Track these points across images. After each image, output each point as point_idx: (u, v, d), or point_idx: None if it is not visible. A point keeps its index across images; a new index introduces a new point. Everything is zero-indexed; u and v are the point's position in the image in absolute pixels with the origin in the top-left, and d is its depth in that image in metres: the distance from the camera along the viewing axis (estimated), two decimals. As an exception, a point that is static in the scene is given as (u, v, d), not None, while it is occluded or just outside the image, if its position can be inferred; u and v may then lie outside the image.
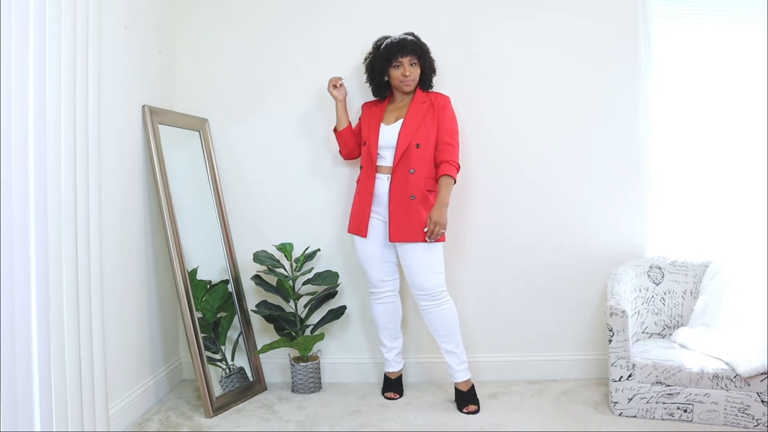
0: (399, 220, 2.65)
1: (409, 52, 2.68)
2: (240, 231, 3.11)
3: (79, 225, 2.08)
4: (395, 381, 2.92)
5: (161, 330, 2.97)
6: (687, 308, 2.93)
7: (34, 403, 1.88)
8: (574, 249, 3.07)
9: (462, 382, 2.74)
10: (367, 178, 2.75)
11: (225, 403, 2.76)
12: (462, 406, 2.71)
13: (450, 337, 2.73)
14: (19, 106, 1.81)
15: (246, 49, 3.10)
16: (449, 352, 2.73)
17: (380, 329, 2.90)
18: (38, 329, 1.88)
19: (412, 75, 2.69)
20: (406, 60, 2.68)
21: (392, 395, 2.88)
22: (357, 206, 2.80)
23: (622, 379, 2.58)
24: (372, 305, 2.89)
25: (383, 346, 2.92)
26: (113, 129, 2.49)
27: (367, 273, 2.85)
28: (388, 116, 2.78)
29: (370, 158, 2.74)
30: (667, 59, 3.06)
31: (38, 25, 1.88)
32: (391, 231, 2.66)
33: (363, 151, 2.80)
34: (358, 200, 2.79)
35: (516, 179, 3.07)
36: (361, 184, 2.78)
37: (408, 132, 2.67)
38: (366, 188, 2.75)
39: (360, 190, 2.79)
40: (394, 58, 2.68)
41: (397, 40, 2.71)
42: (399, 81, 2.71)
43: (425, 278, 2.67)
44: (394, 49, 2.69)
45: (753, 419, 2.45)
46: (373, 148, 2.73)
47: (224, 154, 3.12)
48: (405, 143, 2.65)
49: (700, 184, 3.09)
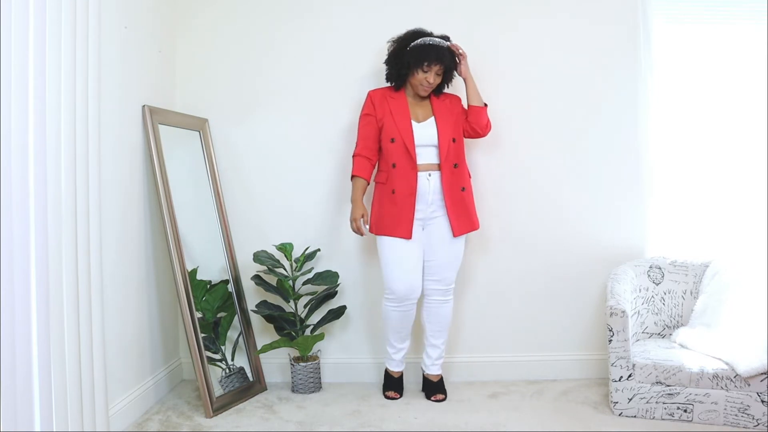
0: (457, 214, 2.72)
1: (442, 62, 2.64)
2: (240, 231, 3.11)
3: (79, 225, 2.08)
4: (397, 380, 2.92)
5: (161, 330, 2.97)
6: (687, 308, 2.93)
7: (34, 403, 1.88)
8: (574, 249, 3.07)
9: (435, 374, 2.88)
10: (405, 176, 2.66)
11: (225, 403, 2.76)
12: (431, 395, 2.84)
13: (441, 332, 2.84)
14: (19, 106, 1.81)
15: (246, 49, 3.10)
16: (434, 346, 2.84)
17: (392, 332, 2.83)
18: (38, 329, 1.88)
19: (434, 84, 2.69)
20: (436, 68, 2.65)
21: (393, 394, 2.87)
22: (394, 206, 2.66)
23: (622, 379, 2.58)
24: (388, 312, 2.77)
25: (391, 347, 2.87)
26: (113, 129, 2.49)
27: (391, 279, 2.69)
28: (415, 113, 2.73)
29: (408, 156, 2.66)
30: (667, 59, 3.06)
31: (38, 25, 1.88)
32: (454, 226, 2.71)
33: (393, 148, 2.68)
34: (397, 200, 2.65)
35: (516, 179, 3.07)
36: (399, 182, 2.66)
37: (445, 129, 2.72)
38: (407, 187, 2.65)
39: (398, 190, 2.66)
40: (427, 63, 2.62)
41: (437, 46, 2.63)
42: (419, 84, 2.67)
43: (452, 272, 2.81)
44: (433, 54, 2.61)
45: (753, 419, 2.45)
46: (410, 146, 2.66)
47: (224, 154, 3.12)
48: (447, 140, 2.70)
49: (700, 185, 3.09)
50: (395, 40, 2.74)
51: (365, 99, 2.80)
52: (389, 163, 2.69)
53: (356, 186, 2.72)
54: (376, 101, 2.74)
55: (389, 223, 2.67)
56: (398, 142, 2.67)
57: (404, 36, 2.71)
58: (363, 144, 2.75)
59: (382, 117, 2.72)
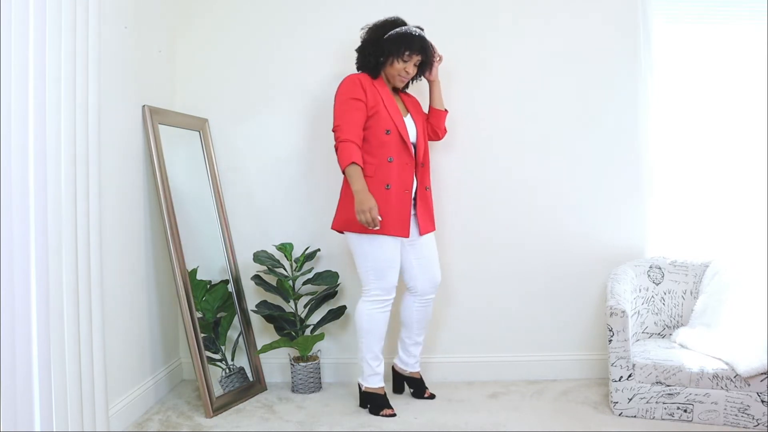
0: (424, 212, 2.69)
1: (423, 53, 2.60)
2: (240, 231, 3.11)
3: (79, 225, 2.08)
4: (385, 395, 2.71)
5: (161, 330, 2.97)
6: (687, 308, 2.93)
7: (34, 403, 1.88)
8: (574, 249, 3.08)
9: (417, 372, 2.85)
10: (402, 171, 2.54)
11: (225, 403, 2.76)
12: (421, 393, 2.82)
13: (424, 330, 2.83)
14: (19, 106, 1.81)
15: (246, 48, 3.10)
16: (418, 344, 2.82)
17: (377, 340, 2.62)
18: (38, 329, 1.88)
19: (410, 75, 2.64)
20: (416, 58, 2.60)
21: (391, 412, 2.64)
22: (389, 203, 2.49)
23: (622, 379, 2.58)
24: (375, 315, 2.59)
25: (375, 359, 2.64)
26: (113, 129, 2.49)
27: (386, 279, 2.56)
28: (401, 107, 2.67)
29: (406, 150, 2.55)
30: (667, 59, 3.07)
31: (38, 25, 1.87)
32: (422, 224, 2.68)
33: (389, 140, 2.52)
34: (392, 196, 2.50)
35: (516, 179, 3.07)
36: (395, 177, 2.51)
37: (422, 126, 2.71)
38: (403, 183, 2.53)
39: (394, 185, 2.50)
40: (409, 53, 2.55)
41: (417, 35, 2.56)
42: (396, 74, 2.60)
43: (438, 271, 2.78)
44: (416, 44, 2.54)
45: (753, 419, 2.45)
46: (407, 139, 2.56)
47: (224, 154, 3.12)
48: (424, 137, 2.70)
49: (700, 185, 3.09)
50: (371, 28, 2.61)
51: (346, 82, 2.55)
52: (384, 156, 2.51)
53: (359, 174, 2.43)
54: (366, 86, 2.53)
55: (393, 220, 2.50)
56: (393, 134, 2.53)
57: (381, 24, 2.59)
58: (352, 130, 2.46)
59: (374, 105, 2.52)
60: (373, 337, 2.62)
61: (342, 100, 2.52)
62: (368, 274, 2.58)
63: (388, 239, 2.53)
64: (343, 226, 2.59)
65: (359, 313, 2.62)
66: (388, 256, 2.55)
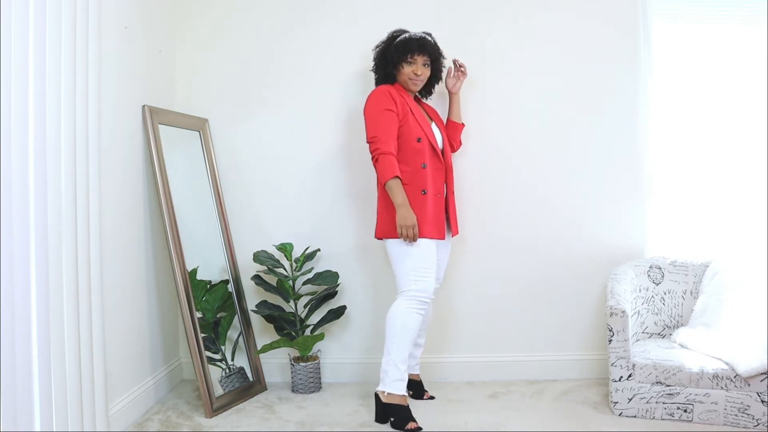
0: (453, 215, 2.77)
1: (427, 52, 2.65)
2: (240, 231, 3.11)
3: (79, 225, 2.08)
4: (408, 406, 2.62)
5: (161, 330, 2.97)
6: (687, 308, 2.93)
7: (34, 403, 1.88)
8: (574, 249, 3.08)
9: (417, 374, 2.87)
10: (434, 177, 2.62)
11: (225, 403, 2.76)
12: (421, 394, 2.84)
13: (424, 331, 2.84)
14: (19, 106, 1.81)
15: (246, 48, 3.10)
16: (419, 346, 2.84)
17: (411, 342, 2.56)
18: (38, 329, 1.88)
19: (422, 75, 2.67)
20: (421, 59, 2.65)
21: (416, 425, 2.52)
22: (427, 207, 2.56)
23: (622, 379, 2.58)
24: (412, 315, 2.53)
25: (404, 363, 2.54)
26: (113, 129, 2.49)
27: (426, 280, 2.54)
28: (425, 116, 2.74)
29: (437, 156, 2.64)
30: (667, 59, 3.07)
31: (38, 25, 1.88)
32: (453, 226, 2.76)
33: (421, 147, 2.58)
34: (428, 201, 2.57)
35: (516, 179, 3.07)
36: (430, 183, 2.59)
37: (445, 133, 2.80)
38: (435, 187, 2.62)
39: (429, 190, 2.58)
40: (411, 54, 2.62)
41: (417, 37, 2.64)
42: (408, 78, 2.65)
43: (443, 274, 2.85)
44: (414, 45, 2.61)
45: (753, 419, 2.45)
46: (437, 146, 2.65)
47: (224, 154, 3.12)
48: (447, 143, 2.77)
49: (699, 185, 3.09)
50: (378, 45, 2.74)
51: (377, 93, 2.60)
52: (418, 163, 2.57)
53: (400, 188, 2.50)
54: (395, 97, 2.59)
55: (431, 224, 2.55)
56: (424, 141, 2.59)
57: (386, 39, 2.71)
58: (390, 142, 2.52)
59: (404, 115, 2.58)
60: (407, 338, 2.54)
61: (376, 112, 2.56)
62: (408, 276, 2.55)
63: (428, 242, 2.56)
64: (385, 235, 2.61)
65: (394, 313, 2.56)
66: (428, 257, 2.56)
